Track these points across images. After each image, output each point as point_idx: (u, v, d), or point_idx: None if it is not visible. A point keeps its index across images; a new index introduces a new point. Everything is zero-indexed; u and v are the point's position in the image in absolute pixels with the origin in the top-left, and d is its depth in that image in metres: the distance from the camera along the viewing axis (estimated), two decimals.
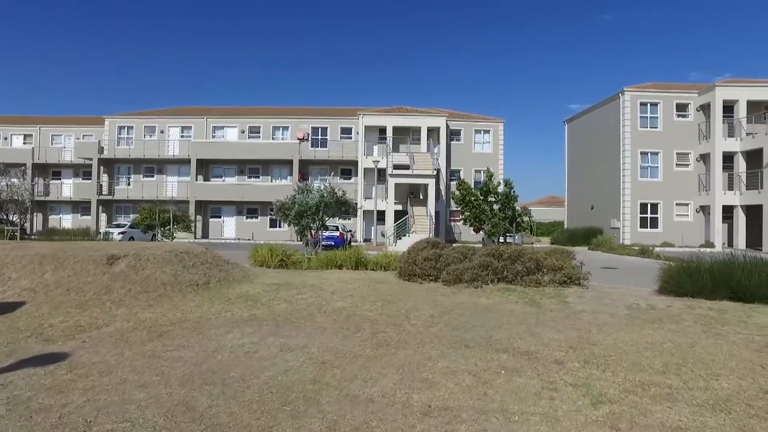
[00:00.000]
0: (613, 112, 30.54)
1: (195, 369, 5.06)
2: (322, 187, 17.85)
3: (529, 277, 11.65)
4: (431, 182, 28.94)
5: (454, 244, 31.93)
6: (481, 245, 16.31)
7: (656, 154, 29.62)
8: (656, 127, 29.64)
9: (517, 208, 15.35)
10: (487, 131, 36.34)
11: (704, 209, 29.22)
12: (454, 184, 29.07)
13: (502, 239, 16.03)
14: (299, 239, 18.34)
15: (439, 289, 11.04)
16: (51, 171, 40.07)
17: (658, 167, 29.66)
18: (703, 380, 4.70)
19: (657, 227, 29.47)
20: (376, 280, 12.56)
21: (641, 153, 29.52)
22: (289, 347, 5.90)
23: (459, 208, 15.38)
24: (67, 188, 38.92)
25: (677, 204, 29.57)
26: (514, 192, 14.65)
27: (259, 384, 4.64)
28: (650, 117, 29.71)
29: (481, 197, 14.97)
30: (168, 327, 6.91)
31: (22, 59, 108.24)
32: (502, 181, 14.85)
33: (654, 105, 29.68)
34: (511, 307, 8.63)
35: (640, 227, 29.38)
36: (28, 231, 34.76)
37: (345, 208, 18.39)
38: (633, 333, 6.58)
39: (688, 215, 29.67)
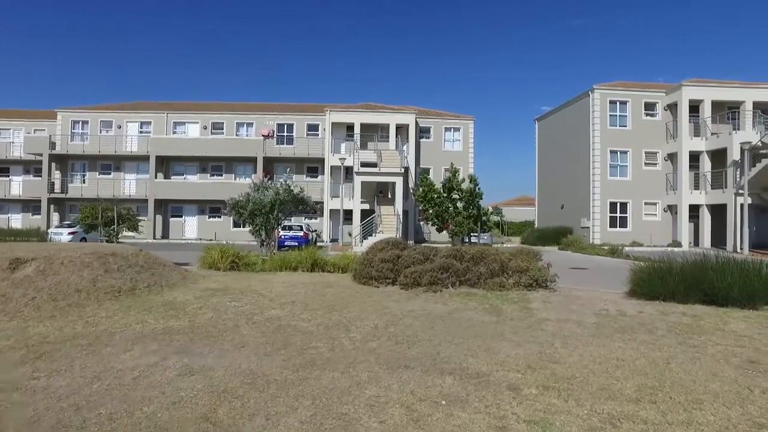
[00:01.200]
0: (583, 110, 30.23)
1: (53, 405, 3.96)
2: (278, 185, 16.72)
3: (492, 280, 10.82)
4: (399, 180, 28.04)
5: (423, 244, 31.25)
6: (450, 245, 15.44)
7: (625, 152, 29.42)
8: (625, 126, 29.44)
9: (483, 206, 14.49)
10: (458, 129, 35.67)
11: (672, 208, 29.15)
12: None
13: (469, 239, 15.16)
14: (256, 239, 17.17)
15: (395, 293, 10.11)
16: None
17: (627, 166, 29.47)
18: (684, 410, 3.85)
19: (626, 226, 29.27)
20: (327, 283, 11.56)
21: (611, 151, 29.27)
22: (191, 370, 4.84)
23: (421, 206, 14.43)
24: (17, 186, 36.58)
25: (646, 203, 29.44)
26: (479, 189, 13.78)
27: (127, 426, 3.58)
28: (619, 115, 29.49)
29: (444, 194, 14.04)
30: (55, 345, 5.75)
31: None
32: (466, 178, 13.96)
33: (623, 103, 29.48)
34: (469, 316, 7.73)
35: (610, 226, 29.12)
36: None
37: (303, 206, 17.30)
38: (602, 347, 5.75)
39: (656, 214, 29.58)
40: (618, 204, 29.34)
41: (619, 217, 29.39)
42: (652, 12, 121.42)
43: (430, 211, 13.77)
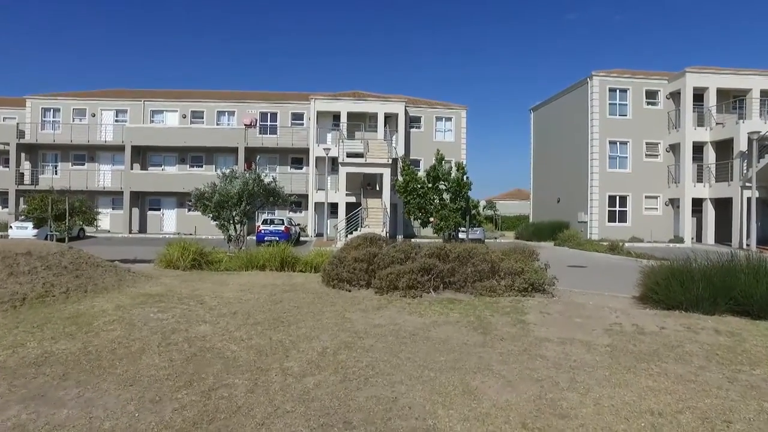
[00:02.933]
0: (581, 99, 28.66)
1: None
2: (247, 174, 15.07)
3: (482, 284, 9.28)
4: (387, 172, 26.38)
5: (413, 240, 29.66)
6: (442, 242, 13.86)
7: (625, 143, 27.89)
8: (625, 115, 27.88)
9: (472, 198, 12.89)
10: (449, 119, 34.02)
11: (673, 202, 27.70)
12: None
13: (457, 234, 13.56)
14: (223, 235, 15.53)
15: (365, 299, 8.53)
16: None
17: (627, 157, 27.95)
18: None
19: (626, 221, 27.79)
20: (292, 286, 9.98)
21: (610, 142, 27.72)
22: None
23: (402, 198, 12.79)
24: None
25: (646, 197, 27.96)
26: (467, 178, 12.14)
27: None
28: (619, 104, 27.92)
29: (429, 184, 12.40)
30: None
31: None
32: (453, 166, 12.32)
33: (623, 91, 27.89)
34: (448, 333, 6.16)
35: (609, 221, 27.62)
36: None
37: (275, 198, 15.67)
38: (624, 386, 4.19)
39: (657, 208, 28.10)
40: (617, 197, 27.85)
41: (619, 211, 27.91)
42: (647, 7, 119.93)
43: (412, 204, 12.12)
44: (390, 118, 32.13)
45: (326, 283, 10.26)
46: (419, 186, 12.05)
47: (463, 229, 12.72)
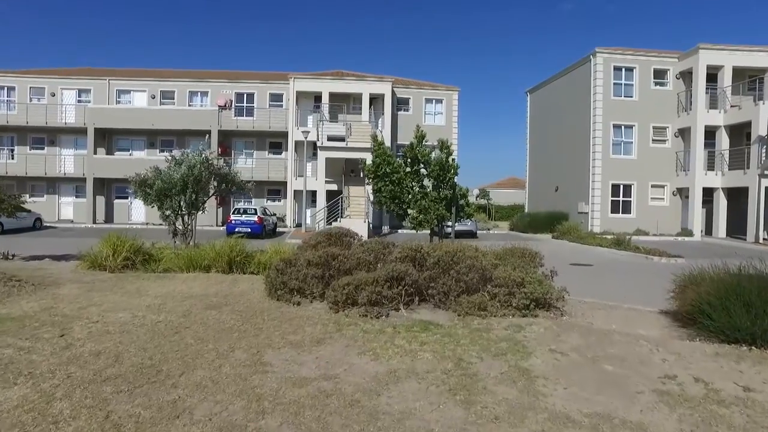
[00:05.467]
0: (583, 79, 26.24)
1: None
2: (190, 156, 12.66)
3: (468, 298, 6.99)
4: (370, 157, 23.93)
5: (398, 232, 27.38)
6: (435, 234, 11.53)
7: (631, 127, 25.56)
8: (631, 96, 25.48)
9: (461, 185, 10.52)
10: (440, 101, 31.57)
11: (682, 192, 25.49)
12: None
13: (441, 229, 11.22)
14: (168, 227, 13.14)
15: (309, 322, 6.25)
16: None
17: (632, 143, 25.64)
18: None
19: (630, 212, 25.57)
20: (224, 298, 7.73)
21: (614, 126, 25.35)
22: None
23: (372, 184, 10.43)
24: None
25: (653, 186, 25.71)
26: (453, 160, 9.79)
27: None
28: (625, 84, 25.52)
29: (407, 168, 10.04)
30: None
31: None
32: (435, 144, 9.97)
33: (629, 70, 25.47)
34: (410, 399, 3.88)
35: (611, 212, 25.38)
36: None
37: (229, 185, 13.28)
38: None
39: (663, 199, 25.87)
40: (621, 186, 25.59)
41: (622, 201, 25.67)
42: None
43: (384, 193, 9.78)
44: (376, 100, 29.69)
45: (269, 293, 7.97)
46: (392, 171, 9.68)
47: (448, 224, 10.39)
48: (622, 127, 25.60)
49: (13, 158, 30.72)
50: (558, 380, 4.30)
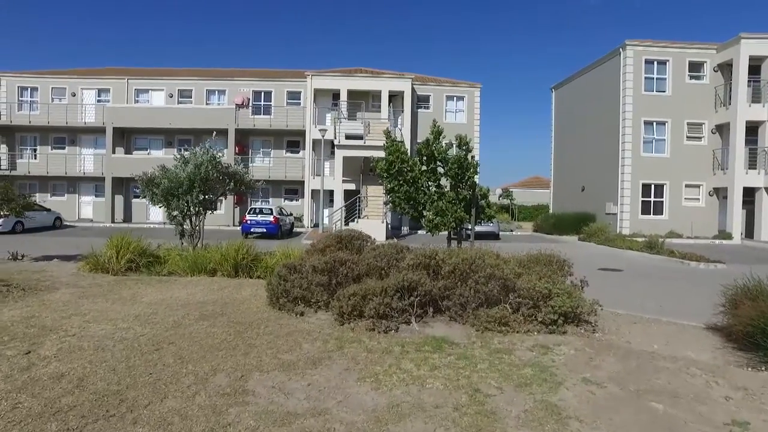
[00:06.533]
0: (612, 73, 24.97)
1: None
2: (198, 153, 12.14)
3: (488, 311, 6.22)
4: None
5: (417, 233, 26.61)
6: (454, 239, 10.77)
7: (663, 124, 24.20)
8: (664, 91, 24.15)
9: (481, 185, 9.68)
10: (461, 98, 30.66)
11: (719, 192, 24.02)
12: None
13: (461, 232, 10.42)
14: (175, 228, 12.66)
15: (309, 337, 5.58)
16: None
17: (664, 140, 24.27)
18: None
19: (662, 213, 24.21)
20: (222, 306, 7.16)
21: (645, 122, 24.04)
22: None
23: (385, 184, 9.68)
24: None
25: (687, 186, 24.28)
26: (472, 157, 8.98)
27: None
28: (657, 78, 24.16)
29: (422, 166, 9.26)
30: None
31: None
32: (453, 140, 9.18)
33: (662, 63, 24.12)
34: None
35: (642, 213, 24.07)
36: None
37: (238, 185, 12.72)
38: None
39: (699, 199, 24.42)
40: (652, 186, 24.26)
41: (654, 202, 24.33)
42: None
43: (399, 193, 9.02)
44: (395, 98, 29.00)
45: (271, 302, 7.33)
46: (408, 168, 8.91)
47: (467, 227, 9.58)
48: (654, 123, 24.27)
49: (35, 158, 31.01)
50: (596, 424, 3.51)
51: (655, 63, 24.16)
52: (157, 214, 30.87)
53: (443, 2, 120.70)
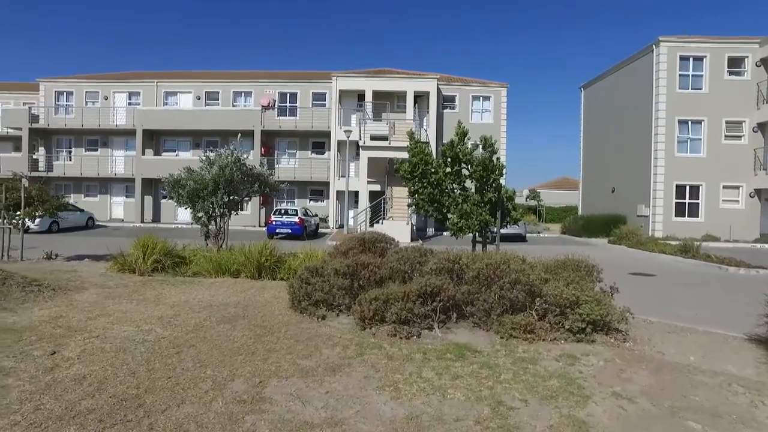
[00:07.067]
0: (644, 71, 24.21)
1: None
2: (223, 155, 12.24)
3: (512, 318, 6.03)
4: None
5: (443, 234, 26.34)
6: (478, 242, 10.58)
7: (699, 122, 23.33)
8: (700, 88, 23.27)
9: (507, 187, 9.44)
10: (488, 98, 30.26)
11: (761, 193, 22.98)
12: None
13: (485, 235, 10.18)
14: (200, 229, 12.80)
15: (329, 342, 5.50)
16: None
17: (700, 139, 23.38)
18: None
19: (697, 216, 23.34)
20: (243, 309, 7.16)
21: (679, 121, 23.22)
22: None
23: (409, 186, 9.51)
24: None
25: (725, 187, 23.33)
26: (498, 159, 8.77)
27: None
28: (692, 75, 23.30)
29: (447, 168, 9.07)
30: None
31: None
32: (478, 141, 8.97)
33: (698, 60, 23.26)
34: None
35: (676, 215, 23.25)
36: None
37: (262, 186, 12.79)
38: None
39: (738, 201, 23.42)
40: (687, 187, 23.41)
41: (689, 203, 23.47)
42: None
43: (423, 195, 8.86)
44: (421, 98, 28.82)
45: (293, 305, 7.28)
46: (432, 170, 8.73)
47: (492, 230, 9.34)
48: (689, 122, 23.42)
49: (70, 160, 31.99)
50: None
51: (691, 59, 23.30)
52: (184, 214, 31.44)
53: (467, 2, 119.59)
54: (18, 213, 12.87)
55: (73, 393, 3.97)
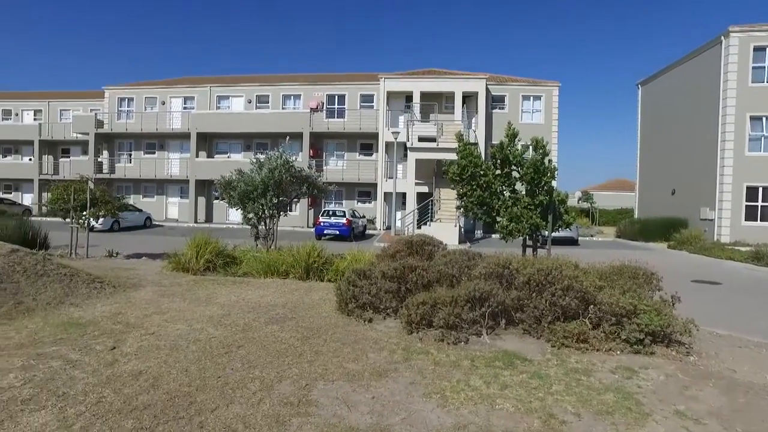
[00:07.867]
0: (711, 64, 22.77)
1: None
2: (272, 158, 12.49)
3: (565, 326, 5.78)
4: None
5: (493, 236, 25.83)
6: (529, 246, 10.34)
7: None
8: None
9: (558, 189, 9.10)
10: (538, 98, 29.45)
11: None
12: None
13: (538, 239, 9.88)
14: (251, 230, 13.14)
15: (376, 346, 5.46)
16: (60, 148, 37.30)
17: None
18: None
19: None
20: (291, 310, 7.24)
21: (751, 118, 21.65)
22: None
23: (457, 188, 9.32)
24: (67, 165, 35.91)
25: None
26: (549, 162, 8.44)
27: None
28: (767, 67, 21.73)
29: (496, 170, 8.83)
30: None
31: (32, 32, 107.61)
32: (529, 143, 8.68)
33: None
34: None
35: (745, 219, 21.71)
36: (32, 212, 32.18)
37: (310, 188, 12.96)
38: None
39: None
40: (759, 189, 21.80)
41: (761, 206, 21.87)
42: None
43: (471, 198, 8.68)
44: (469, 98, 28.44)
45: (340, 307, 7.30)
46: (481, 173, 8.54)
47: (543, 233, 9.03)
48: (763, 118, 21.79)
49: (130, 162, 33.74)
50: None
51: (767, 51, 21.68)
52: (235, 215, 32.40)
53: None
54: (84, 213, 13.66)
55: (130, 387, 4.11)
